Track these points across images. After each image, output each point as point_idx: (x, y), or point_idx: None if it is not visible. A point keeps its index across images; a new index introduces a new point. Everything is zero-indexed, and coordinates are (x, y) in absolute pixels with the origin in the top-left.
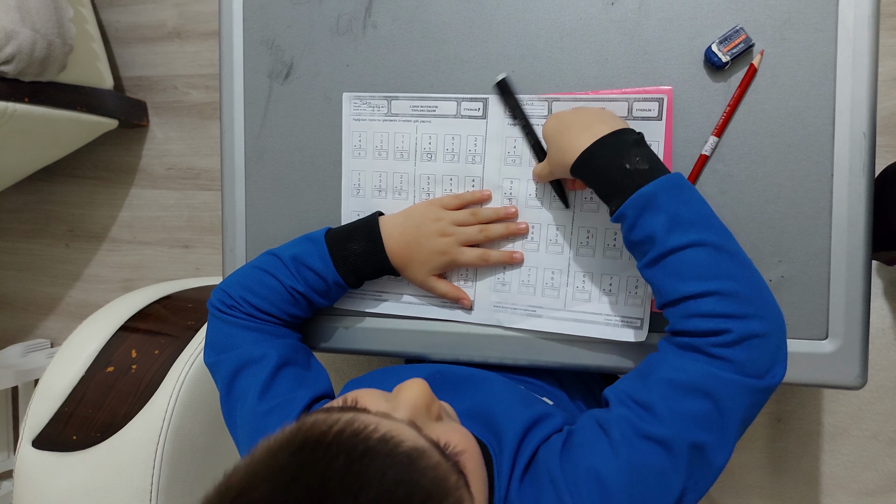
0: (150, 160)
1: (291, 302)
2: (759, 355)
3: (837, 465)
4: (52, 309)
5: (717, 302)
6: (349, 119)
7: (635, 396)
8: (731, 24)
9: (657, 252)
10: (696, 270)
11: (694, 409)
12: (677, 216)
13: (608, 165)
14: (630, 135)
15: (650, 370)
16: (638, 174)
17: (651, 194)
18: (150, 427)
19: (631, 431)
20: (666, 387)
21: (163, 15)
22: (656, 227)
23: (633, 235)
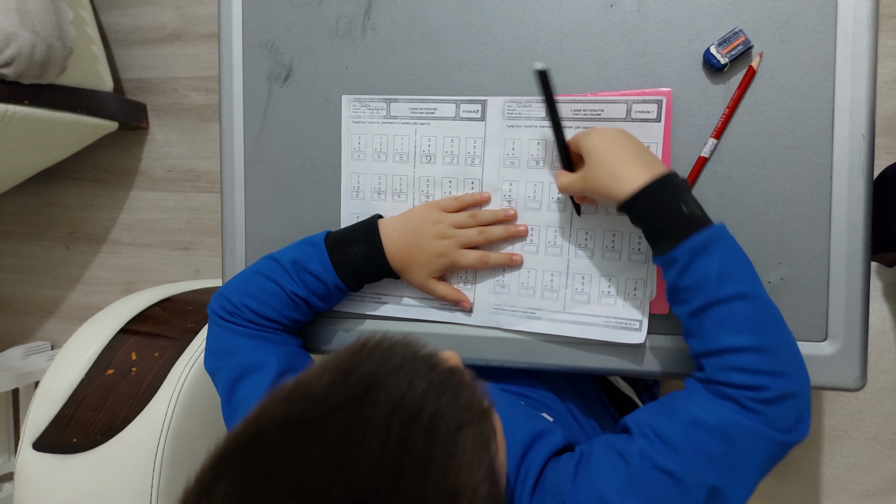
0: (150, 162)
1: (292, 306)
2: (789, 412)
3: (838, 468)
4: (53, 311)
5: (759, 358)
6: (348, 121)
7: (659, 431)
8: (730, 25)
9: (706, 300)
10: (741, 323)
11: (716, 452)
12: (728, 265)
13: (667, 206)
14: (678, 177)
15: (676, 407)
16: (694, 218)
17: (708, 240)
18: (150, 429)
19: (650, 465)
20: (691, 427)
21: (163, 17)
22: (709, 274)
23: (682, 280)
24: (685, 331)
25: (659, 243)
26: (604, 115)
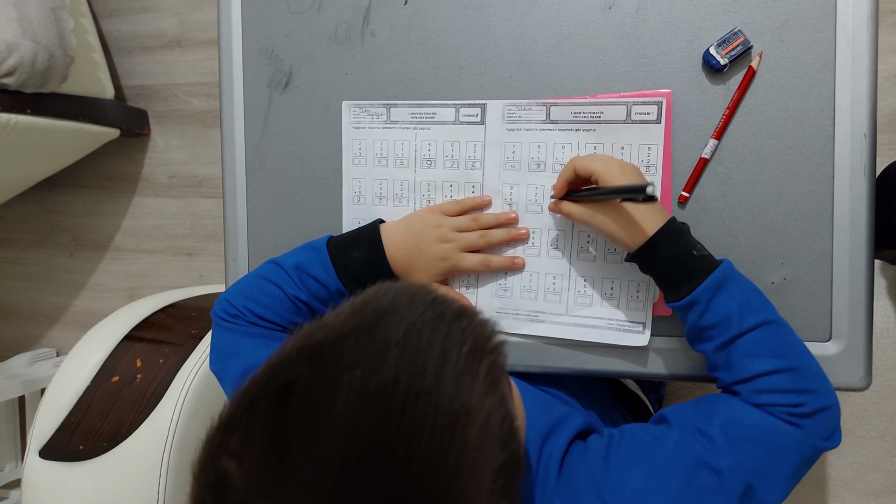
0: (152, 169)
1: (294, 310)
2: (825, 423)
3: (844, 466)
4: (58, 318)
5: (789, 378)
6: (349, 127)
7: (699, 426)
8: (730, 26)
9: (733, 333)
10: (767, 349)
11: (755, 451)
12: (746, 298)
13: (679, 252)
14: (678, 222)
15: (715, 406)
16: (705, 260)
17: (723, 278)
18: (156, 436)
19: (690, 456)
20: (731, 424)
21: (163, 24)
22: (730, 309)
23: (704, 320)
24: (711, 366)
25: (676, 288)
26: (604, 118)
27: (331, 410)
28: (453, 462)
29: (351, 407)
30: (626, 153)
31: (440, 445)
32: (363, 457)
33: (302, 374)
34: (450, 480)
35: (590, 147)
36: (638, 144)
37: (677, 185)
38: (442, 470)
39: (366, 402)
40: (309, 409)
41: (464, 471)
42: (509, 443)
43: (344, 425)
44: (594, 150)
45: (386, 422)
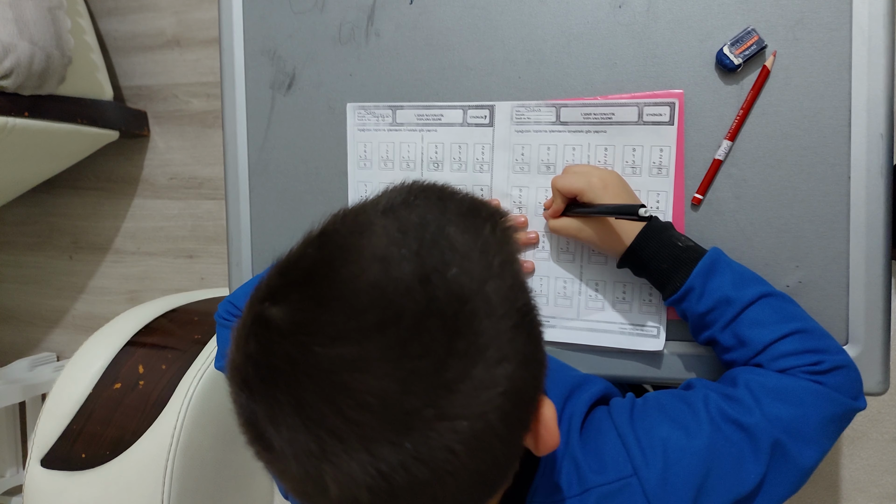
0: (152, 170)
1: None
2: (847, 381)
3: (857, 469)
4: (58, 322)
5: (802, 339)
6: (354, 129)
7: (724, 391)
8: (743, 25)
9: (735, 310)
10: (774, 316)
11: (781, 406)
12: (739, 275)
13: (664, 246)
14: (659, 220)
15: (738, 373)
16: (691, 249)
17: (713, 260)
18: (160, 443)
19: (717, 413)
20: (756, 386)
21: (161, 23)
22: (725, 288)
23: (702, 305)
24: (722, 350)
25: (669, 281)
26: (615, 119)
27: (364, 248)
28: (477, 283)
29: (383, 245)
30: (638, 155)
31: (467, 273)
32: (395, 281)
33: (336, 223)
34: (475, 296)
35: (600, 149)
36: (650, 146)
37: (690, 186)
38: (466, 292)
39: (397, 239)
40: (344, 251)
41: (484, 294)
42: (519, 301)
43: (376, 258)
44: (605, 151)
45: (416, 254)
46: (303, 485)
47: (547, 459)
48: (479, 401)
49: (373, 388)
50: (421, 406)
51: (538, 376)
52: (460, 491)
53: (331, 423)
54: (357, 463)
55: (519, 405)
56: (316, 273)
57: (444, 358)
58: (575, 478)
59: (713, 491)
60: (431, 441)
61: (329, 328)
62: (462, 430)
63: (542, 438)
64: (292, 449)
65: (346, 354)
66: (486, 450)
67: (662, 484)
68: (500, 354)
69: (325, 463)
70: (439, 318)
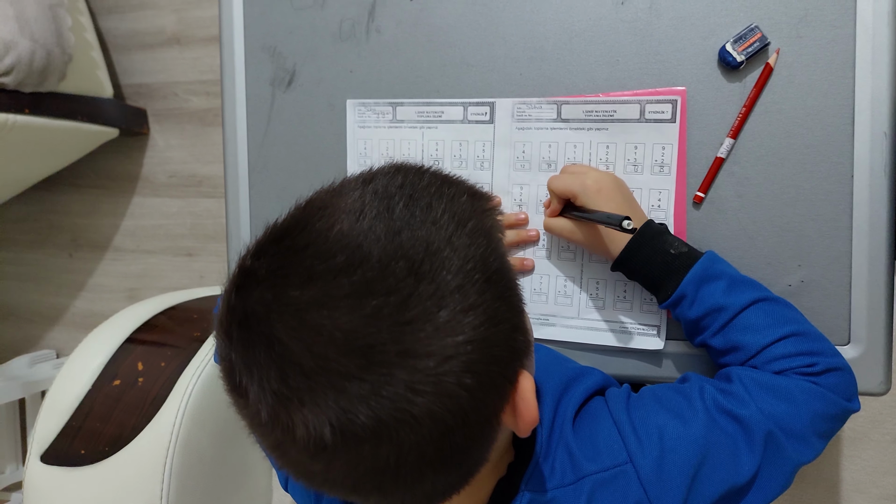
0: (151, 168)
1: None
2: (842, 383)
3: (857, 470)
4: (57, 319)
5: (796, 342)
6: (354, 126)
7: (719, 385)
8: (746, 22)
9: (727, 316)
10: (767, 320)
11: (775, 401)
12: (732, 281)
13: (655, 252)
14: (654, 225)
15: (733, 370)
16: (683, 256)
17: (705, 268)
18: (159, 440)
19: (713, 403)
20: (750, 382)
21: (161, 21)
22: (717, 295)
23: (692, 312)
24: (716, 354)
25: (662, 288)
26: (616, 116)
27: (340, 205)
28: (446, 240)
29: (358, 203)
30: (640, 152)
31: (438, 230)
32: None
33: (319, 191)
34: (443, 248)
35: (602, 146)
36: (652, 144)
37: (692, 185)
38: (434, 245)
39: (371, 200)
40: (321, 209)
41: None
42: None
43: (349, 212)
44: (606, 149)
45: (388, 210)
46: (272, 431)
47: (540, 448)
48: (442, 343)
49: (339, 324)
50: (384, 341)
51: (513, 341)
52: (427, 445)
53: (298, 359)
54: (322, 403)
55: (488, 361)
56: (294, 228)
57: (408, 297)
58: (569, 466)
59: (707, 480)
60: (394, 377)
61: (301, 271)
62: (425, 370)
63: (520, 412)
64: (264, 392)
65: (315, 294)
66: (452, 399)
67: (658, 471)
68: (466, 303)
69: (294, 403)
70: (406, 261)
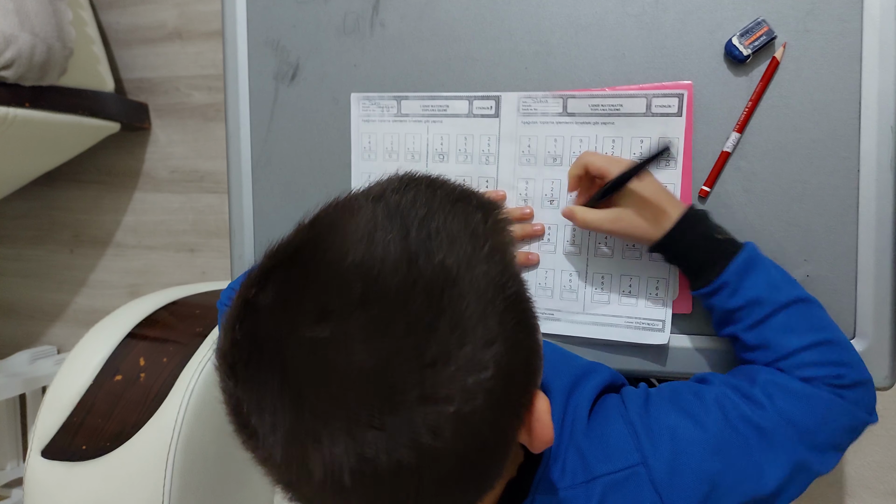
0: (153, 163)
1: None
2: (865, 396)
3: (862, 466)
4: (58, 315)
5: (828, 350)
6: (358, 120)
7: (741, 389)
8: (753, 16)
9: (765, 311)
10: (803, 324)
11: (798, 412)
12: (773, 277)
13: (702, 237)
14: (699, 209)
15: (757, 372)
16: (728, 243)
17: (749, 259)
18: (161, 436)
19: (733, 411)
20: (774, 388)
21: (163, 15)
22: (759, 288)
23: (733, 302)
24: (743, 348)
25: (703, 274)
26: (623, 110)
27: (351, 229)
28: (465, 266)
29: (370, 227)
30: (646, 146)
31: (455, 256)
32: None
33: (326, 209)
34: (462, 277)
35: (608, 140)
36: (658, 138)
37: (698, 179)
38: (452, 273)
39: (384, 222)
40: (331, 232)
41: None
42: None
43: (362, 239)
44: (612, 143)
45: (403, 237)
46: (287, 471)
47: (554, 445)
48: (465, 383)
49: (356, 363)
50: (405, 383)
51: (530, 365)
52: (447, 477)
53: (314, 403)
54: (341, 444)
55: (509, 390)
56: (302, 254)
57: (429, 336)
58: (580, 466)
59: (729, 489)
60: (416, 422)
61: (313, 306)
62: (448, 413)
63: (535, 433)
64: (276, 432)
65: (330, 332)
66: (474, 435)
67: (670, 473)
68: (488, 336)
69: (309, 445)
70: (425, 295)
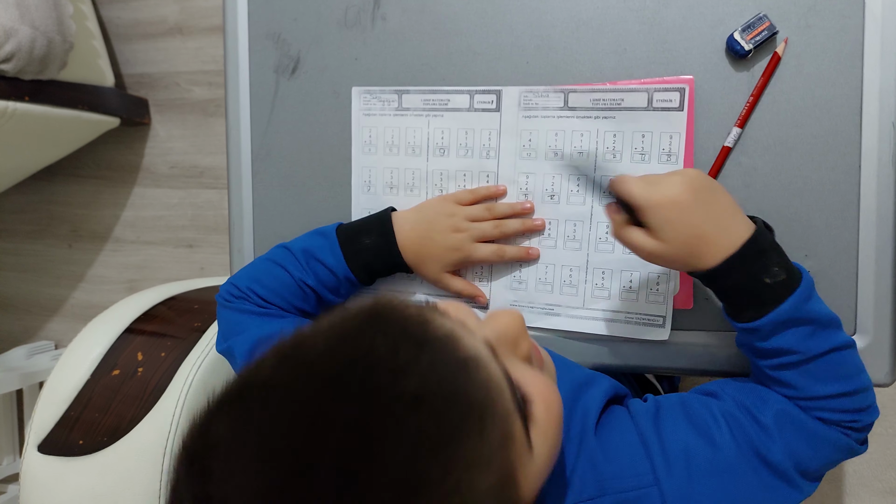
0: (152, 158)
1: (301, 296)
2: (866, 431)
3: (861, 464)
4: (56, 310)
5: (851, 401)
6: (359, 114)
7: (752, 410)
8: (754, 11)
9: (797, 359)
10: (832, 374)
11: (803, 447)
12: (815, 325)
13: (748, 279)
14: (765, 236)
15: (769, 395)
16: (778, 286)
17: (796, 307)
18: (158, 431)
19: (744, 439)
20: (786, 420)
21: (164, 10)
22: (794, 339)
23: (762, 344)
24: (766, 378)
25: (739, 313)
26: (624, 105)
27: None
28: None
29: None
30: (647, 141)
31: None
32: None
33: (263, 407)
34: None
35: (609, 135)
36: (659, 133)
37: None
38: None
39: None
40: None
41: None
42: None
43: None
44: (613, 137)
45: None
46: None
47: (561, 457)
48: None
49: None
50: None
51: None
52: None
53: None
54: None
55: None
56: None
57: None
58: (591, 478)
59: None
60: None
61: None
62: None
63: None
64: None
65: None
66: None
67: (685, 499)
68: None
69: None
70: None
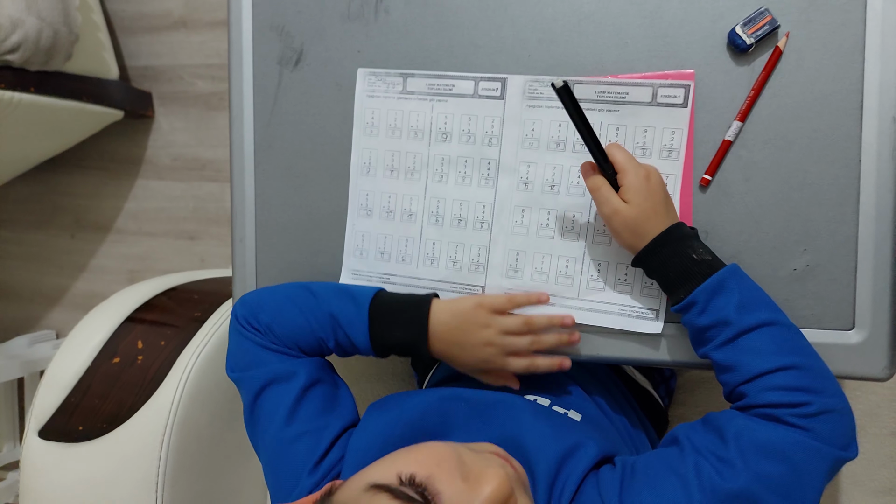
0: (155, 151)
1: (316, 349)
2: (838, 428)
3: (854, 463)
4: (58, 300)
5: (796, 375)
6: (362, 96)
7: (713, 449)
8: (756, 5)
9: (732, 332)
10: (772, 346)
11: (774, 468)
12: (747, 298)
13: (676, 255)
14: (685, 228)
15: (726, 423)
16: (705, 263)
17: (722, 279)
18: (157, 418)
19: (708, 483)
20: (744, 442)
21: (169, 4)
22: (728, 309)
23: (701, 320)
24: (718, 368)
25: (675, 291)
26: (628, 98)
27: None
28: None
29: None
30: (649, 136)
31: None
32: None
33: None
34: None
35: (612, 128)
36: (662, 128)
37: (699, 167)
38: None
39: None
40: None
41: None
42: None
43: None
44: (616, 131)
45: None
46: None
47: None
48: None
49: None
50: None
51: None
52: None
53: None
54: None
55: None
56: None
57: None
58: None
59: None
60: None
61: None
62: None
63: None
64: None
65: None
66: None
67: None
68: None
69: None
70: None
